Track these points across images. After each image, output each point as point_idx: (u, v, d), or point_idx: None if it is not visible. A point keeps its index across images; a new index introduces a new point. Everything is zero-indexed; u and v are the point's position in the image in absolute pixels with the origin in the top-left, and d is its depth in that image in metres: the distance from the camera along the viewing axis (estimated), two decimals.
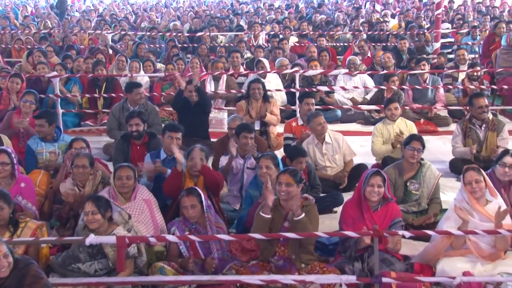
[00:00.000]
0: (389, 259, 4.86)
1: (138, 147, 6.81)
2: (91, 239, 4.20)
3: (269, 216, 4.92)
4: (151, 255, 4.99)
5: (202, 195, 5.05)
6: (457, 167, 7.10)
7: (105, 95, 9.34)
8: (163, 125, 7.51)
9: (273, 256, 4.95)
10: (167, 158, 6.33)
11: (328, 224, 5.85)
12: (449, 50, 13.35)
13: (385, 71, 9.90)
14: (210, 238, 4.63)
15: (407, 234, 4.56)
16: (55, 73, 9.33)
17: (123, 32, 14.48)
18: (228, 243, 5.11)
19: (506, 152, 5.69)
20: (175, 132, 6.33)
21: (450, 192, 6.60)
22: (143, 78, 10.01)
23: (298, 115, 7.93)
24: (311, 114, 7.22)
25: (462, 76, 9.94)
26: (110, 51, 12.56)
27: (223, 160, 6.47)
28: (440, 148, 8.40)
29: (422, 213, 5.89)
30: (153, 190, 5.81)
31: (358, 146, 8.05)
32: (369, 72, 10.22)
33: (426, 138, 8.73)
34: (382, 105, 8.06)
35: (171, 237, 4.38)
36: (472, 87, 9.23)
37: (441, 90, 9.76)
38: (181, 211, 5.13)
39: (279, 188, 5.00)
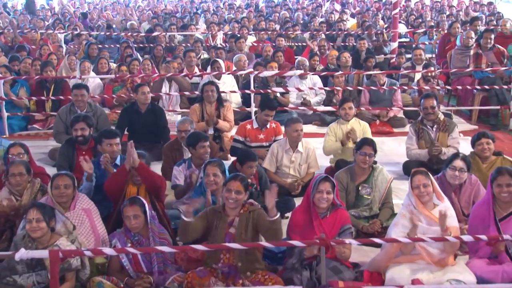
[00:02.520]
0: (338, 267, 4.74)
1: (84, 153, 6.52)
2: (21, 253, 3.95)
3: (191, 219, 4.71)
4: (92, 267, 4.76)
5: (146, 205, 4.85)
6: (410, 170, 6.97)
7: (53, 97, 9.02)
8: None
9: (217, 264, 4.77)
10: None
11: None
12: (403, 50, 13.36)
13: (340, 72, 9.80)
14: (149, 250, 4.43)
15: (354, 242, 4.45)
16: None
17: (75, 32, 14.09)
18: (174, 253, 4.91)
19: (456, 155, 5.63)
20: (112, 138, 6.04)
21: (403, 195, 6.50)
22: (94, 79, 9.72)
23: (253, 117, 7.74)
24: (290, 118, 7.08)
25: (418, 76, 9.92)
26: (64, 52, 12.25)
27: (178, 173, 6.19)
28: (395, 150, 8.35)
29: (374, 218, 5.77)
30: (95, 192, 5.61)
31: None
32: (323, 73, 10.12)
33: (381, 139, 8.86)
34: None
35: (108, 250, 4.15)
36: (426, 87, 9.20)
37: (398, 92, 9.72)
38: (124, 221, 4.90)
39: (228, 195, 4.81)
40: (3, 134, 8.83)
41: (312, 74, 9.99)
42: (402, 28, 15.11)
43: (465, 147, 7.16)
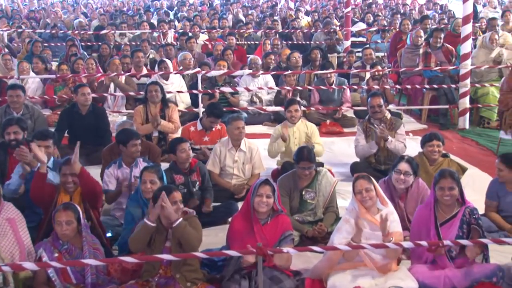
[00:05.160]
0: (278, 276, 4.55)
1: (14, 154, 6.20)
2: None
3: (154, 224, 4.50)
4: (17, 282, 4.46)
5: (80, 212, 4.58)
6: (358, 171, 6.86)
7: None
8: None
9: (153, 277, 4.55)
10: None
11: (222, 237, 5.44)
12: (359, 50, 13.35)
13: (289, 71, 9.66)
14: (75, 264, 4.16)
15: (292, 251, 4.28)
16: None
17: (19, 30, 13.61)
18: (106, 264, 4.65)
19: (401, 158, 5.49)
20: (43, 140, 5.75)
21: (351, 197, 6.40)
22: (34, 80, 9.33)
23: (198, 120, 7.52)
24: (231, 116, 6.91)
25: (368, 75, 9.83)
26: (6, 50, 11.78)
27: (108, 177, 5.95)
28: (344, 150, 8.25)
29: (318, 223, 5.60)
30: (26, 198, 5.31)
31: (262, 149, 7.67)
32: (273, 73, 9.95)
33: (331, 139, 8.78)
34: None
35: (29, 265, 3.87)
36: (376, 87, 9.13)
37: (348, 91, 9.63)
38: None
39: (175, 207, 4.56)
40: None
41: (262, 74, 9.81)
42: (361, 26, 15.09)
43: (415, 146, 7.10)
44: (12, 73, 9.34)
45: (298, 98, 8.64)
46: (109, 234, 5.55)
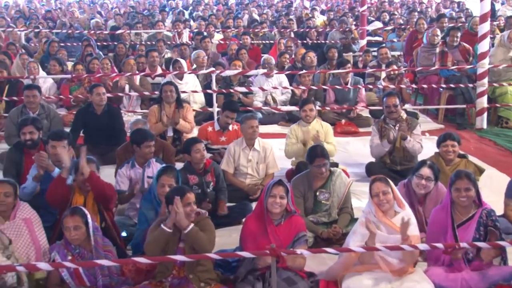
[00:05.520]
0: (292, 277, 4.51)
1: (33, 157, 6.22)
2: None
3: (171, 230, 4.49)
4: (32, 283, 4.47)
5: (88, 216, 4.55)
6: (373, 171, 6.83)
7: (6, 98, 8.66)
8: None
9: (167, 278, 4.54)
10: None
11: (235, 238, 5.39)
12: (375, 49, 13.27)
13: (304, 71, 9.60)
14: (90, 264, 4.16)
15: (305, 252, 4.23)
16: None
17: (36, 30, 13.70)
18: (120, 265, 4.64)
19: (423, 163, 5.38)
20: (58, 140, 5.76)
21: (366, 198, 6.31)
22: (47, 80, 9.35)
23: (215, 118, 7.50)
24: (244, 115, 6.90)
25: (384, 75, 9.76)
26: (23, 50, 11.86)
27: (121, 177, 5.97)
28: (359, 150, 8.19)
29: (333, 224, 5.54)
30: (41, 198, 5.31)
31: (277, 149, 7.65)
32: (287, 72, 9.90)
33: (346, 139, 8.72)
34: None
35: (43, 265, 3.88)
36: (392, 86, 9.05)
37: (363, 91, 9.56)
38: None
39: (189, 209, 4.55)
40: None
41: (276, 73, 9.76)
42: (377, 25, 14.98)
43: (431, 146, 7.01)
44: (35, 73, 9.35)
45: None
46: (123, 234, 5.56)
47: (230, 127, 7.38)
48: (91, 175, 5.04)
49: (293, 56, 11.48)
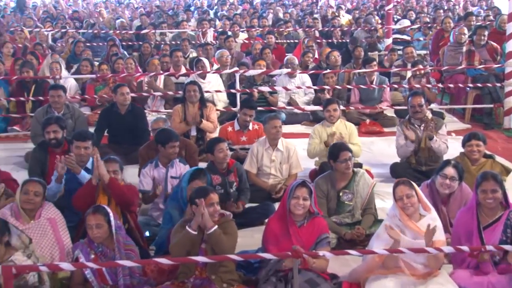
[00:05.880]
0: (314, 279, 4.46)
1: (57, 156, 6.26)
2: None
3: (196, 232, 4.48)
4: (56, 282, 4.51)
5: (111, 214, 4.57)
6: (398, 172, 6.80)
7: (32, 98, 8.76)
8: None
9: (189, 279, 4.53)
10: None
11: (258, 238, 5.36)
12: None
13: (328, 71, 9.54)
14: (111, 265, 4.17)
15: (328, 254, 4.19)
16: None
17: (63, 30, 13.84)
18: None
19: (447, 162, 5.30)
20: (82, 141, 5.79)
21: (390, 199, 6.24)
22: (67, 80, 9.41)
23: (236, 120, 7.48)
24: (268, 115, 6.86)
25: (409, 74, 9.65)
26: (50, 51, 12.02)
27: (144, 177, 5.98)
28: (384, 150, 8.10)
29: (356, 225, 5.49)
30: (66, 197, 5.38)
31: (300, 149, 7.59)
32: (311, 72, 9.84)
33: (371, 139, 8.63)
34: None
35: (65, 265, 3.90)
36: (417, 86, 8.94)
37: (388, 91, 9.46)
38: None
39: (212, 209, 4.55)
40: None
41: (300, 73, 9.71)
42: (405, 24, 14.82)
43: (457, 147, 6.89)
44: (47, 74, 9.43)
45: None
46: (146, 234, 5.58)
47: (251, 126, 7.32)
48: (111, 181, 5.09)
49: (316, 56, 11.41)
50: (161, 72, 9.63)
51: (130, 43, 13.54)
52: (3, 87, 8.99)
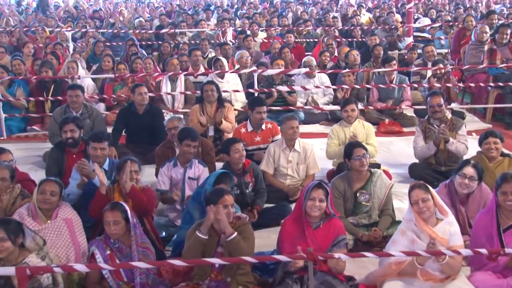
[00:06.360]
0: (330, 281, 4.42)
1: (74, 156, 6.29)
2: None
3: (206, 237, 4.47)
4: (71, 283, 4.51)
5: (129, 212, 4.59)
6: (416, 172, 6.73)
7: (51, 98, 8.81)
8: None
9: (204, 281, 4.51)
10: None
11: (274, 239, 5.29)
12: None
13: (346, 70, 9.46)
14: (124, 266, 4.16)
15: (344, 256, 4.13)
16: None
17: (83, 30, 13.92)
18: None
19: (467, 162, 5.22)
20: (98, 142, 5.79)
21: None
22: (84, 79, 9.45)
23: (248, 120, 7.42)
24: (285, 116, 6.82)
25: (430, 74, 9.53)
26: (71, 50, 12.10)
27: (162, 177, 5.98)
28: (403, 150, 7.99)
29: (374, 226, 5.43)
30: (82, 198, 5.43)
31: (318, 149, 7.53)
32: (330, 71, 9.76)
33: (390, 139, 8.53)
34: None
35: (79, 267, 3.90)
36: (438, 85, 8.82)
37: (408, 90, 9.35)
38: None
39: (226, 211, 4.52)
40: (0, 136, 8.68)
41: (318, 73, 9.63)
42: (425, 22, 14.66)
43: (477, 147, 6.77)
44: (68, 74, 9.46)
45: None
46: (163, 234, 5.58)
47: (264, 126, 7.23)
48: (132, 190, 5.13)
49: (335, 55, 11.32)
50: (180, 72, 9.60)
51: (149, 42, 13.57)
52: (22, 87, 9.05)
